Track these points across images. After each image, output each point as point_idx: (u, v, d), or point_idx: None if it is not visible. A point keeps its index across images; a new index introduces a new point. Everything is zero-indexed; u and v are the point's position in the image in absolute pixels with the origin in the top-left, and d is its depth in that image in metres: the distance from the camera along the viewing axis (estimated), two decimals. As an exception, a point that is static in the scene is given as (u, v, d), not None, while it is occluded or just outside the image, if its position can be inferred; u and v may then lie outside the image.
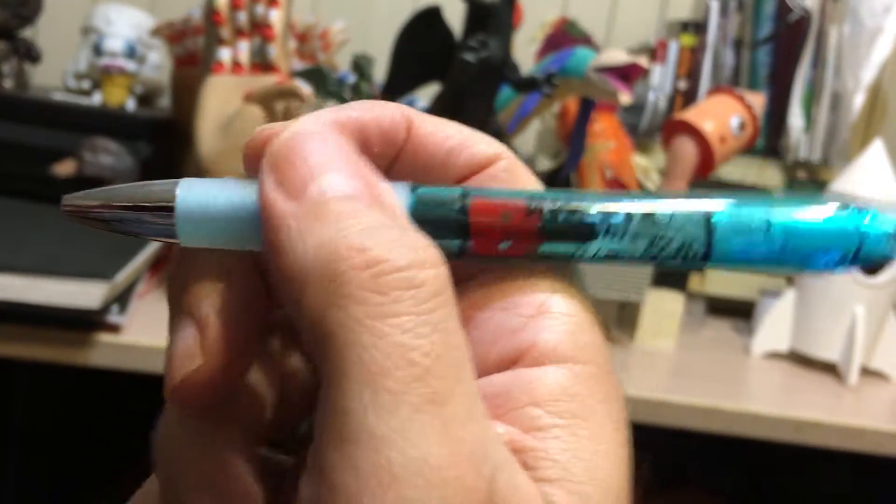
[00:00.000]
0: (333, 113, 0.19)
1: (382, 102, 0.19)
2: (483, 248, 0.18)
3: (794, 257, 0.19)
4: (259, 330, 0.19)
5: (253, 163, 0.19)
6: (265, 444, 0.20)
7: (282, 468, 0.20)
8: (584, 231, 0.18)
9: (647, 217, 0.19)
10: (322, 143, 0.17)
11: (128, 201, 0.18)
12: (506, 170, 0.20)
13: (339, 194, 0.16)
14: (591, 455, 0.17)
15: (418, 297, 0.15)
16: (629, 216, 0.18)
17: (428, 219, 0.18)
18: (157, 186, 0.18)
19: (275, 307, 0.19)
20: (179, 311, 0.19)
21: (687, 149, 0.92)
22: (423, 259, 0.16)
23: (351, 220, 0.16)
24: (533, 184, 0.20)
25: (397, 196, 0.18)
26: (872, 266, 0.19)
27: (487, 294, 0.19)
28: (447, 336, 0.15)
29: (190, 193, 0.18)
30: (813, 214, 0.19)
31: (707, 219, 0.19)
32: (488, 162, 0.20)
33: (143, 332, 0.65)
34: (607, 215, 0.18)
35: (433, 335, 0.15)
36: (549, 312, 0.19)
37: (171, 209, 0.18)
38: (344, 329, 0.15)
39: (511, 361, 0.18)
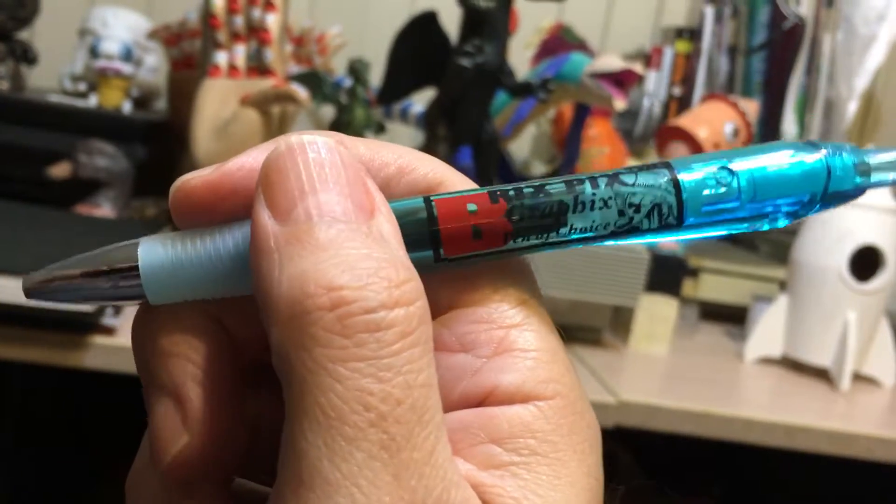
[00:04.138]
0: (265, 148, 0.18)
1: (309, 131, 0.18)
2: (456, 249, 0.18)
3: (766, 206, 0.18)
4: (240, 391, 0.18)
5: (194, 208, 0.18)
6: (241, 475, 0.20)
7: (258, 497, 0.20)
8: (552, 209, 0.18)
9: (613, 179, 0.18)
10: (317, 156, 0.17)
11: (89, 269, 0.18)
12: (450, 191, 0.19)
13: (327, 218, 0.16)
14: (548, 490, 0.17)
15: (383, 341, 0.15)
16: (594, 181, 0.18)
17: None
18: (118, 249, 0.18)
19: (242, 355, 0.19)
20: (153, 384, 0.18)
21: (681, 155, 0.92)
22: (397, 298, 0.15)
23: (331, 251, 0.15)
24: None
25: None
26: (841, 203, 0.18)
27: (446, 332, 0.18)
28: (412, 377, 0.15)
29: (152, 250, 0.18)
30: (776, 159, 0.18)
31: (669, 168, 0.18)
32: (429, 189, 0.19)
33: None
34: (572, 185, 0.18)
35: (395, 379, 0.15)
36: (510, 351, 0.18)
37: (135, 269, 0.17)
38: (305, 370, 0.15)
39: (475, 402, 0.18)
